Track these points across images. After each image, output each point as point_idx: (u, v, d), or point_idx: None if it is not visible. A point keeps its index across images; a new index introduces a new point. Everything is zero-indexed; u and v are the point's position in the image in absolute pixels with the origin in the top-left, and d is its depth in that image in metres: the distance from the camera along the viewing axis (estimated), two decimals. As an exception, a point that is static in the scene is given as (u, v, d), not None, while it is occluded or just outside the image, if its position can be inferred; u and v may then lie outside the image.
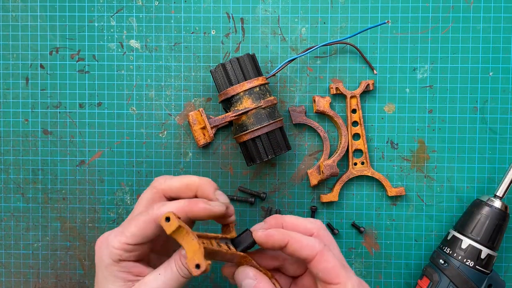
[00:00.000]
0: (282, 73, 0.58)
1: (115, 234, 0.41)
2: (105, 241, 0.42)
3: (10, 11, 0.58)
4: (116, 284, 0.41)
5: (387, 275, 0.58)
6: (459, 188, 0.57)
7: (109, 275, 0.41)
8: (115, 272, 0.41)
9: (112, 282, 0.41)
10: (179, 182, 0.44)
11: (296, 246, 0.41)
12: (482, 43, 0.57)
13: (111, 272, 0.41)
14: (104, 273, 0.41)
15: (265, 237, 0.42)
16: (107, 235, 0.42)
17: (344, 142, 0.56)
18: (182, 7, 0.58)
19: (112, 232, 0.42)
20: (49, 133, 0.58)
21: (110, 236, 0.42)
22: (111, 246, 0.41)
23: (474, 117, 0.57)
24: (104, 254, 0.41)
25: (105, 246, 0.41)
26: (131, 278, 0.42)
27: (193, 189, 0.44)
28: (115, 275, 0.41)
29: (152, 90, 0.58)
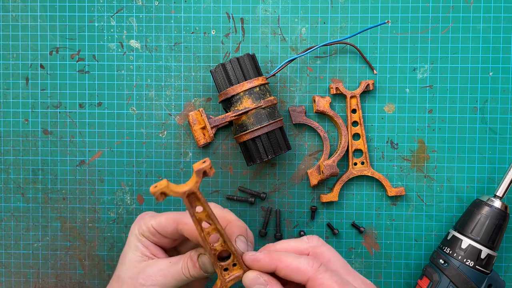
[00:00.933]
0: (282, 73, 0.58)
1: (150, 216, 0.47)
2: (142, 216, 0.48)
3: (10, 11, 0.58)
4: (135, 253, 0.46)
5: (387, 275, 0.58)
6: (459, 188, 0.57)
7: (133, 243, 0.47)
8: (137, 243, 0.47)
9: (133, 250, 0.47)
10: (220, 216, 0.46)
11: (286, 271, 0.40)
12: (482, 43, 0.57)
13: (135, 242, 0.47)
14: (130, 241, 0.47)
15: (251, 261, 0.42)
16: (146, 213, 0.49)
17: (344, 142, 0.56)
18: (182, 7, 0.58)
19: (149, 213, 0.48)
20: (49, 133, 0.58)
21: (147, 215, 0.48)
22: (143, 222, 0.47)
23: (474, 117, 0.57)
24: (136, 225, 0.47)
25: (139, 219, 0.48)
26: (148, 254, 0.47)
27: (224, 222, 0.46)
28: (137, 245, 0.47)
29: (152, 90, 0.58)
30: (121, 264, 0.47)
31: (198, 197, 0.39)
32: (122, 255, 0.47)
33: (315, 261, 0.40)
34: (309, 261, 0.40)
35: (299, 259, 0.40)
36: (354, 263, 0.58)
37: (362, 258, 0.58)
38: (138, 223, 0.47)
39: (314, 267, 0.39)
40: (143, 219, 0.47)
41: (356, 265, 0.58)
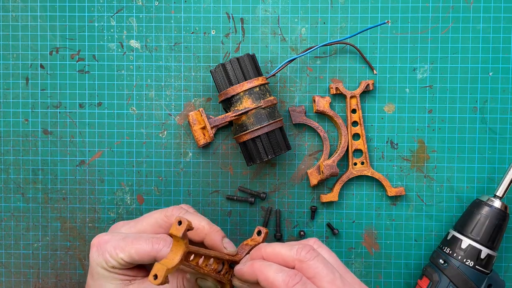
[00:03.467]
0: (282, 73, 0.58)
1: (114, 246, 0.43)
2: (103, 246, 0.43)
3: (10, 11, 0.58)
4: (114, 282, 0.43)
5: (387, 275, 0.58)
6: (459, 188, 0.57)
7: (107, 275, 0.43)
8: (112, 274, 0.43)
9: (109, 280, 0.43)
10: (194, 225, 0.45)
11: (264, 284, 0.40)
12: (482, 43, 0.57)
13: (108, 273, 0.43)
14: (101, 273, 0.43)
15: (237, 272, 0.43)
16: (105, 240, 0.43)
17: (344, 142, 0.56)
18: (182, 7, 0.58)
19: (110, 241, 0.43)
20: (49, 133, 0.58)
21: (108, 245, 0.43)
22: (109, 255, 0.43)
23: (474, 117, 0.57)
24: (101, 258, 0.43)
25: (102, 251, 0.43)
26: (128, 278, 0.44)
27: (201, 235, 0.45)
28: (112, 276, 0.43)
29: (152, 90, 0.58)
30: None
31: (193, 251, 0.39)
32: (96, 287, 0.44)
33: (293, 278, 0.39)
34: (286, 277, 0.38)
35: (276, 274, 0.39)
36: (354, 263, 0.58)
37: (362, 258, 0.58)
38: (102, 255, 0.43)
39: (289, 285, 0.38)
40: (106, 251, 0.43)
41: (356, 265, 0.58)
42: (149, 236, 0.43)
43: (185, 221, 0.36)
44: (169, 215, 0.45)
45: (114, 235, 0.44)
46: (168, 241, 0.43)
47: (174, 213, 0.45)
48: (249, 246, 0.47)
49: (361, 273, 0.58)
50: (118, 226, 0.48)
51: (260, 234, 0.48)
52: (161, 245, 0.42)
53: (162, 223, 0.45)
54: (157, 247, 0.42)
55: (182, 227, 0.36)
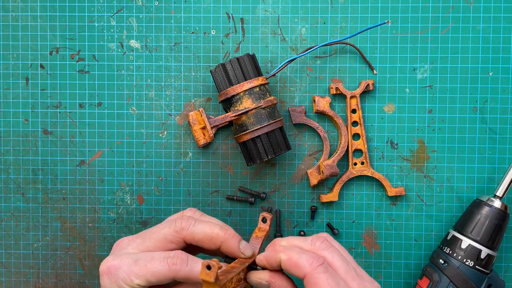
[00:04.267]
0: (282, 73, 0.58)
1: (127, 273, 0.41)
2: (115, 272, 0.41)
3: (10, 11, 0.58)
4: None
5: (387, 275, 0.58)
6: (459, 188, 0.57)
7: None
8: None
9: None
10: (203, 234, 0.43)
11: (286, 264, 0.40)
12: (482, 43, 0.57)
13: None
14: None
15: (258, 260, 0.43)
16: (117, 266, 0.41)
17: (344, 142, 0.56)
18: (182, 7, 0.58)
19: (123, 266, 0.41)
20: (49, 133, 0.58)
21: (120, 270, 0.41)
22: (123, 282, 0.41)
23: (474, 117, 0.57)
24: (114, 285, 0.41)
25: (115, 279, 0.41)
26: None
27: (217, 243, 0.43)
28: None
29: (152, 90, 0.58)
30: None
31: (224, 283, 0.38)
32: None
33: (316, 260, 0.39)
34: (310, 258, 0.39)
35: (300, 254, 0.39)
36: (354, 263, 0.58)
37: (362, 258, 0.58)
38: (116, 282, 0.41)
39: (313, 265, 0.39)
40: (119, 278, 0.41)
41: (356, 265, 0.58)
42: (163, 256, 0.41)
43: (214, 265, 0.34)
44: (178, 229, 0.43)
45: (123, 258, 0.42)
46: (185, 258, 0.41)
47: (183, 226, 0.43)
48: (259, 238, 0.45)
49: (361, 273, 0.58)
50: (122, 244, 0.45)
51: (266, 221, 0.47)
52: (178, 265, 0.40)
53: (172, 238, 0.43)
54: (174, 268, 0.40)
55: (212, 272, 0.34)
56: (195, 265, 0.41)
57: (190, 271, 0.40)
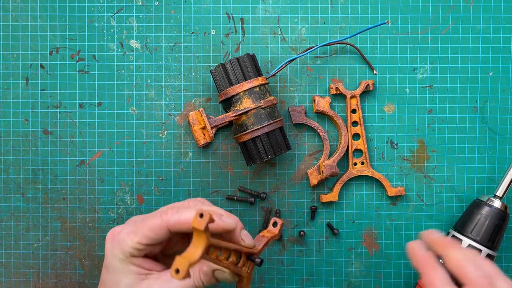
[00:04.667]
0: (282, 73, 0.58)
1: (127, 233, 0.43)
2: (116, 236, 0.43)
3: (10, 11, 0.58)
4: (130, 277, 0.43)
5: (387, 275, 0.58)
6: (459, 188, 0.57)
7: (123, 268, 0.43)
8: (129, 266, 0.43)
9: (125, 274, 0.43)
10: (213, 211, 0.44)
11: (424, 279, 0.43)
12: (482, 43, 0.57)
13: (125, 266, 0.43)
14: (117, 266, 0.43)
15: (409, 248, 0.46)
16: (118, 230, 0.43)
17: (344, 142, 0.56)
18: (182, 7, 0.58)
19: (123, 230, 0.43)
20: (49, 133, 0.58)
21: (121, 233, 0.43)
22: (124, 243, 0.42)
23: (474, 117, 0.57)
24: (116, 248, 0.43)
25: (117, 242, 0.43)
26: (143, 272, 0.43)
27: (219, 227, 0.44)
28: (128, 269, 0.43)
29: (152, 90, 0.58)
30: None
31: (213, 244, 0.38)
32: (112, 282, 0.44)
33: None
34: None
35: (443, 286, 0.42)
36: (354, 263, 0.58)
37: (362, 258, 0.58)
38: (117, 245, 0.43)
39: None
40: (120, 240, 0.43)
41: (356, 265, 0.58)
42: (157, 212, 0.43)
43: (206, 214, 0.35)
44: (187, 207, 0.45)
45: (124, 225, 0.44)
46: (176, 208, 0.43)
47: (191, 205, 0.45)
48: (266, 238, 0.46)
49: (361, 273, 0.58)
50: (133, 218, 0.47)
51: (276, 226, 0.48)
52: (169, 214, 0.42)
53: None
54: (165, 217, 0.42)
55: (204, 220, 0.35)
56: (185, 212, 0.42)
57: (180, 216, 0.42)
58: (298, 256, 0.58)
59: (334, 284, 0.58)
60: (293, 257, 0.58)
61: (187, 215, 0.42)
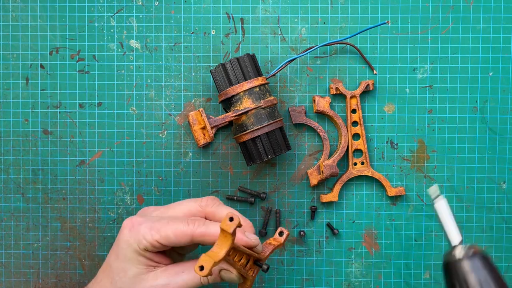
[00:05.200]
0: (282, 73, 0.58)
1: (149, 228, 0.44)
2: (136, 227, 0.44)
3: (10, 11, 0.58)
4: (138, 267, 0.44)
5: (387, 275, 0.58)
6: (459, 188, 0.57)
7: (134, 258, 0.44)
8: (140, 257, 0.44)
9: (135, 264, 0.44)
10: None
11: None
12: (482, 43, 0.57)
13: (136, 256, 0.44)
14: (129, 255, 0.44)
15: None
16: (139, 222, 0.44)
17: (344, 142, 0.56)
18: (182, 7, 0.58)
19: (145, 223, 0.44)
20: (49, 133, 0.58)
21: (142, 226, 0.44)
22: (142, 236, 0.43)
23: (474, 117, 0.57)
24: (133, 239, 0.44)
25: (135, 233, 0.44)
26: (152, 264, 0.45)
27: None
28: (139, 260, 0.44)
29: (152, 90, 0.58)
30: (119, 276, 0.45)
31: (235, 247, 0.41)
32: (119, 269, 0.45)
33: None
34: None
35: None
36: (354, 263, 0.58)
37: (362, 258, 0.58)
38: (135, 237, 0.44)
39: None
40: (139, 232, 0.44)
41: (356, 265, 0.58)
42: (184, 218, 0.45)
43: (236, 218, 0.37)
44: (204, 205, 0.47)
45: (147, 218, 0.45)
46: (202, 221, 0.44)
47: (208, 203, 0.47)
48: (272, 246, 0.48)
49: (361, 273, 0.58)
50: (148, 210, 0.49)
51: (282, 235, 0.49)
52: (196, 224, 0.44)
53: (195, 212, 0.47)
54: (192, 226, 0.43)
55: (233, 224, 0.37)
56: (212, 225, 0.44)
57: (207, 228, 0.43)
58: (298, 256, 0.58)
59: (334, 284, 0.58)
60: (293, 257, 0.58)
61: (214, 229, 0.43)
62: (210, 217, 0.47)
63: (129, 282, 0.44)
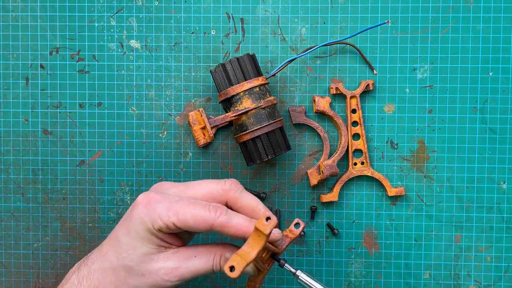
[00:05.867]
0: (282, 73, 0.58)
1: (167, 208, 0.41)
2: (153, 205, 0.41)
3: (10, 11, 0.58)
4: (149, 246, 0.42)
5: (387, 275, 0.58)
6: (459, 188, 0.57)
7: (146, 237, 0.42)
8: (152, 237, 0.42)
9: (146, 243, 0.42)
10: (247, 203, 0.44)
11: None
12: (482, 43, 0.57)
13: (149, 235, 0.42)
14: (141, 233, 0.42)
15: None
16: (156, 200, 0.42)
17: (344, 142, 0.56)
18: (182, 7, 0.58)
19: (162, 202, 0.41)
20: (49, 133, 0.58)
21: (159, 205, 0.41)
22: (158, 216, 0.41)
23: (474, 117, 0.57)
24: (148, 217, 0.41)
25: (151, 211, 0.41)
26: (164, 245, 0.43)
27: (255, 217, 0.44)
28: (151, 239, 0.42)
29: (152, 90, 0.58)
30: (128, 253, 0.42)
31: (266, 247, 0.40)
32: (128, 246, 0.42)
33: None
34: None
35: None
36: (354, 263, 0.58)
37: (362, 258, 0.58)
38: (150, 215, 0.41)
39: None
40: (156, 211, 0.41)
41: (356, 265, 0.58)
42: (205, 203, 0.42)
43: (274, 219, 0.35)
44: (227, 189, 0.44)
45: (165, 196, 0.42)
46: (225, 210, 0.41)
47: (232, 188, 0.44)
48: (289, 238, 0.46)
49: (361, 273, 0.58)
50: (164, 186, 0.45)
51: (298, 227, 0.46)
52: (218, 212, 0.41)
53: (216, 194, 0.44)
54: (214, 214, 0.41)
55: (270, 225, 0.35)
56: (234, 216, 0.41)
57: (229, 219, 0.41)
58: (298, 256, 0.58)
59: (334, 284, 0.58)
60: (293, 257, 0.58)
61: (236, 221, 0.41)
62: (231, 203, 0.44)
63: (137, 260, 0.42)
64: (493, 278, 0.57)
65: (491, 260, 0.57)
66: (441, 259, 0.57)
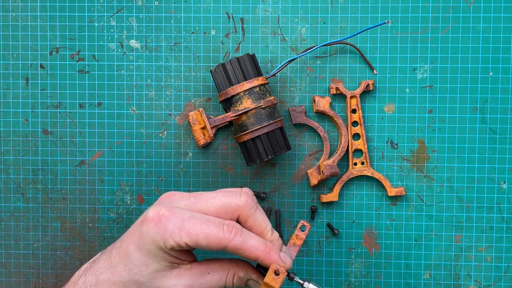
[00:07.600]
0: (282, 73, 0.58)
1: (179, 228, 0.39)
2: (164, 223, 0.40)
3: (10, 11, 0.58)
4: (162, 263, 0.41)
5: (387, 275, 0.58)
6: (459, 188, 0.57)
7: (158, 255, 0.41)
8: (164, 254, 0.41)
9: (158, 260, 0.41)
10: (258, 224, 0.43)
11: None
12: (482, 43, 0.57)
13: (161, 253, 0.41)
14: (153, 251, 0.41)
15: None
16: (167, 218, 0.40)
17: (344, 142, 0.56)
18: (182, 7, 0.58)
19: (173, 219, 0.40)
20: (49, 133, 0.58)
21: (170, 224, 0.39)
22: (170, 236, 0.39)
23: (474, 117, 0.57)
24: (159, 236, 0.40)
25: (162, 229, 0.39)
26: (176, 261, 0.42)
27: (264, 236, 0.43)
28: (163, 257, 0.41)
29: (152, 90, 0.58)
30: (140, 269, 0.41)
31: None
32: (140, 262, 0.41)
33: None
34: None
35: None
36: (354, 263, 0.58)
37: (362, 258, 0.58)
38: (162, 234, 0.39)
39: None
40: (167, 230, 0.39)
41: (356, 265, 0.58)
42: (219, 221, 0.40)
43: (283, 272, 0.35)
44: (242, 206, 0.42)
45: (176, 211, 0.40)
46: (240, 229, 0.40)
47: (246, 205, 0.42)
48: (297, 246, 0.44)
49: (361, 273, 0.58)
50: (174, 198, 0.43)
51: (304, 230, 0.45)
52: (233, 233, 0.39)
53: (229, 209, 0.42)
54: (229, 235, 0.39)
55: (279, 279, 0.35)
56: (249, 238, 0.40)
57: (244, 242, 0.39)
58: (298, 256, 0.58)
59: (334, 284, 0.58)
60: (293, 257, 0.58)
61: (251, 243, 0.40)
62: (243, 219, 0.42)
63: (149, 276, 0.41)
64: (493, 278, 0.57)
65: (491, 260, 0.57)
66: (441, 259, 0.57)
